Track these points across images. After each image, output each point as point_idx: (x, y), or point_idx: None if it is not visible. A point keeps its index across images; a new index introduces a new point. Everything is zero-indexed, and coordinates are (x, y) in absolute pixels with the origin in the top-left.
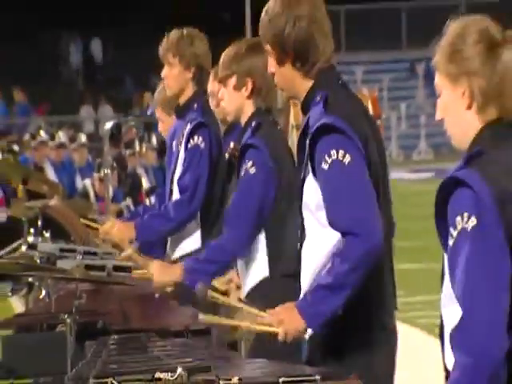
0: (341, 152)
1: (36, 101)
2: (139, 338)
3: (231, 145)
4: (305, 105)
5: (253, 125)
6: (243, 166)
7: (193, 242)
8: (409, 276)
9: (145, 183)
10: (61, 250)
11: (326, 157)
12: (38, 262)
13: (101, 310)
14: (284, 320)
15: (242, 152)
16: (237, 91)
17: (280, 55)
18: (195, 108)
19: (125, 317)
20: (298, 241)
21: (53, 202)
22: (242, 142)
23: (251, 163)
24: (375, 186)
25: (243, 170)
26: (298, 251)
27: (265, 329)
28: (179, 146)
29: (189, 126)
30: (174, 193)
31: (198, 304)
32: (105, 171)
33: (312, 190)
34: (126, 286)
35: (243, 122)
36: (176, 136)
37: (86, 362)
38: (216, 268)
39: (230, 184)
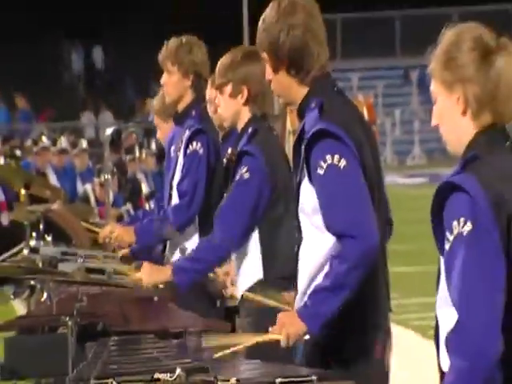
0: (336, 156)
1: (38, 107)
2: (139, 339)
3: (229, 150)
4: (300, 111)
5: (249, 131)
6: (238, 171)
7: (191, 246)
8: (403, 279)
9: (144, 188)
10: (62, 254)
11: (321, 162)
12: (40, 265)
13: (101, 312)
14: (285, 324)
15: (238, 158)
16: (233, 98)
17: (275, 63)
18: (193, 115)
19: (124, 319)
20: (295, 243)
21: (54, 207)
22: (238, 148)
23: (246, 169)
24: (370, 190)
25: (238, 175)
26: (296, 253)
27: (267, 338)
28: (178, 152)
29: (187, 132)
30: (173, 197)
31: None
32: (105, 176)
33: (308, 194)
34: (126, 289)
35: (239, 128)
36: (174, 142)
37: (87, 363)
38: (205, 266)
39: (227, 189)
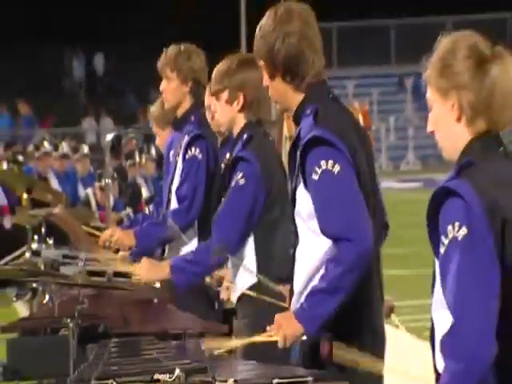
0: (330, 162)
1: (40, 113)
2: (139, 341)
3: (227, 156)
4: (296, 117)
5: (244, 137)
6: (233, 177)
7: (190, 249)
8: (398, 281)
9: (144, 193)
10: (64, 257)
11: (316, 168)
12: (42, 268)
13: (102, 314)
14: (282, 325)
15: (233, 164)
16: (229, 105)
17: (271, 70)
18: (192, 120)
19: (125, 321)
20: (290, 246)
21: (56, 211)
22: (233, 154)
23: (241, 175)
24: (365, 195)
25: (233, 181)
26: (292, 256)
27: (265, 339)
28: (177, 157)
29: (186, 137)
30: (172, 202)
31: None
32: (106, 181)
33: (303, 200)
34: (126, 291)
35: (235, 133)
36: (173, 146)
37: (88, 365)
38: (203, 269)
39: (224, 194)
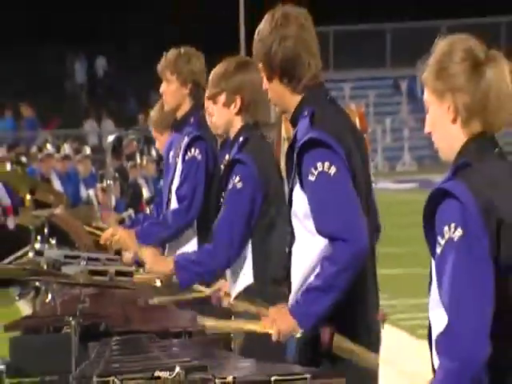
0: (326, 164)
1: (43, 115)
2: (140, 339)
3: (226, 157)
4: (293, 119)
5: (240, 140)
6: (230, 181)
7: (190, 249)
8: (393, 280)
9: (145, 193)
10: (66, 257)
11: (312, 169)
12: (45, 267)
13: (103, 312)
14: (276, 320)
15: (229, 166)
16: (226, 108)
17: (269, 72)
18: (192, 122)
19: (126, 319)
20: (287, 247)
21: (58, 211)
22: (229, 156)
23: (238, 178)
24: (359, 197)
25: (231, 184)
26: (288, 256)
27: (259, 330)
28: (176, 158)
29: (186, 138)
30: (172, 202)
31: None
32: (107, 182)
33: (299, 200)
34: (127, 290)
35: (232, 136)
36: (173, 147)
37: (90, 362)
38: (205, 270)
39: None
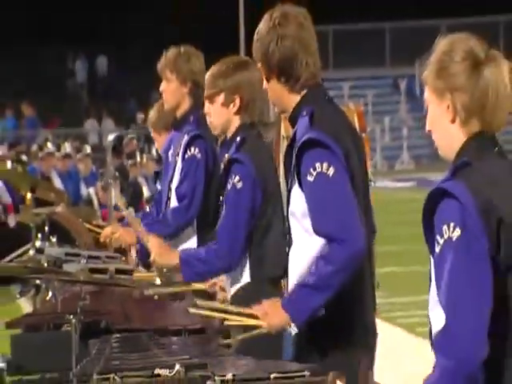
0: (325, 165)
1: (44, 115)
2: (140, 336)
3: (226, 156)
4: (292, 118)
5: (237, 140)
6: (229, 181)
7: (189, 247)
8: (391, 278)
9: (145, 192)
10: (66, 254)
11: (311, 169)
12: (45, 265)
13: (104, 310)
14: (268, 313)
15: (228, 166)
16: (225, 107)
17: (267, 71)
18: (191, 121)
19: (126, 317)
20: (283, 246)
21: (59, 209)
22: (227, 156)
23: (238, 178)
24: (357, 197)
25: (230, 184)
26: (285, 255)
27: (251, 322)
28: (176, 157)
29: (186, 137)
30: (172, 200)
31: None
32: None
33: (298, 200)
34: (128, 288)
35: (229, 135)
36: (173, 145)
37: (90, 359)
38: (210, 270)
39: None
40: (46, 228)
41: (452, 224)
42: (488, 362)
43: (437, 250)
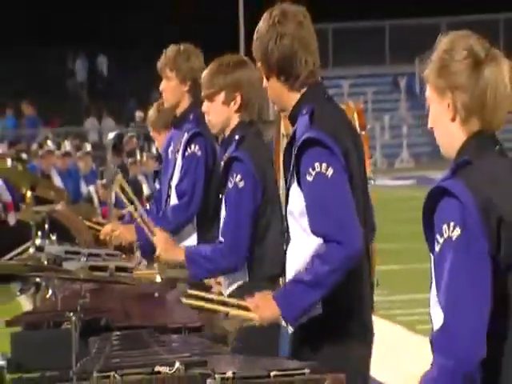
0: (324, 165)
1: (44, 115)
2: (140, 334)
3: (226, 153)
4: (292, 117)
5: (236, 138)
6: (230, 179)
7: (189, 244)
8: (390, 276)
9: (145, 190)
10: (66, 252)
11: (310, 169)
12: (45, 263)
13: (104, 308)
14: (260, 307)
15: (227, 164)
16: (225, 106)
17: (266, 70)
18: (191, 119)
19: (126, 314)
20: (282, 245)
21: (59, 207)
22: (227, 154)
23: (239, 177)
24: (356, 196)
25: (231, 183)
26: (283, 254)
27: (242, 314)
28: (176, 154)
29: (186, 135)
30: (172, 197)
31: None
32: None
33: (296, 198)
34: (128, 286)
35: (227, 133)
36: (173, 143)
37: (90, 357)
38: (216, 268)
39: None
40: (46, 226)
41: (452, 223)
42: (486, 362)
43: (437, 249)
